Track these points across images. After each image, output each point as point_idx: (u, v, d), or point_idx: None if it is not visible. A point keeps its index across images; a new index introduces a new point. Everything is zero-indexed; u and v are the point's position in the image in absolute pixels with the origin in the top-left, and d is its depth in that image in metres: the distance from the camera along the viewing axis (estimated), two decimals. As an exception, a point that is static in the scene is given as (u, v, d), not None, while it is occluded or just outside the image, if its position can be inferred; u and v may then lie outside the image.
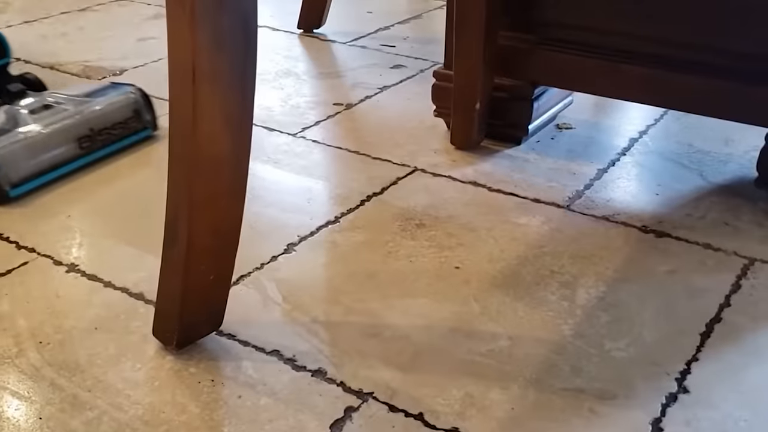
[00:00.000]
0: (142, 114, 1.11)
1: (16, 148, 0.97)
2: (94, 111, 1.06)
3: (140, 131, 1.11)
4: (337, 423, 0.64)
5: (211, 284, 0.69)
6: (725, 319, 0.76)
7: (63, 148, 1.01)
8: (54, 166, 1.00)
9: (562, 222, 0.93)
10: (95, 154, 1.05)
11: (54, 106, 1.05)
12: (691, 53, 0.95)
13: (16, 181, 0.96)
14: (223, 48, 0.62)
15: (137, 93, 1.12)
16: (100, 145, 1.06)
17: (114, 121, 1.07)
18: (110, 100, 1.09)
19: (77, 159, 1.03)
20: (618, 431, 0.63)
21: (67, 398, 0.66)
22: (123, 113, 1.09)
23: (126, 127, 1.09)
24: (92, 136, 1.05)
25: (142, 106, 1.11)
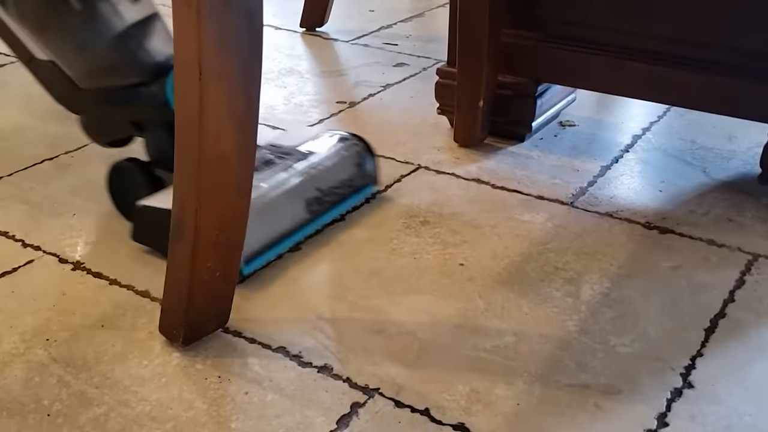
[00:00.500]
0: (365, 168, 0.96)
1: None
2: (321, 167, 0.90)
3: (364, 188, 0.96)
4: (343, 418, 0.64)
5: (218, 281, 0.70)
6: (729, 314, 0.76)
7: (292, 212, 0.86)
8: (283, 234, 0.85)
9: (565, 219, 0.93)
10: (322, 218, 0.90)
11: (276, 162, 0.90)
12: (694, 50, 0.95)
13: (249, 255, 0.80)
14: (228, 46, 0.62)
15: (360, 144, 0.97)
16: (327, 207, 0.90)
17: (341, 178, 0.92)
18: (335, 154, 0.93)
19: (306, 225, 0.88)
20: (623, 426, 0.63)
21: (74, 395, 0.66)
22: (348, 169, 0.94)
23: (351, 185, 0.94)
24: (320, 197, 0.89)
25: (366, 159, 0.96)
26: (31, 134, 1.14)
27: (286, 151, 0.92)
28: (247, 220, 0.71)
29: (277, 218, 0.84)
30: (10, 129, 1.16)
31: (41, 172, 1.03)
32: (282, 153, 0.91)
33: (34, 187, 1.00)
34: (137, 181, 0.89)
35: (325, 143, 0.95)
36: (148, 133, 0.91)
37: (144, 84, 0.86)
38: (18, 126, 1.17)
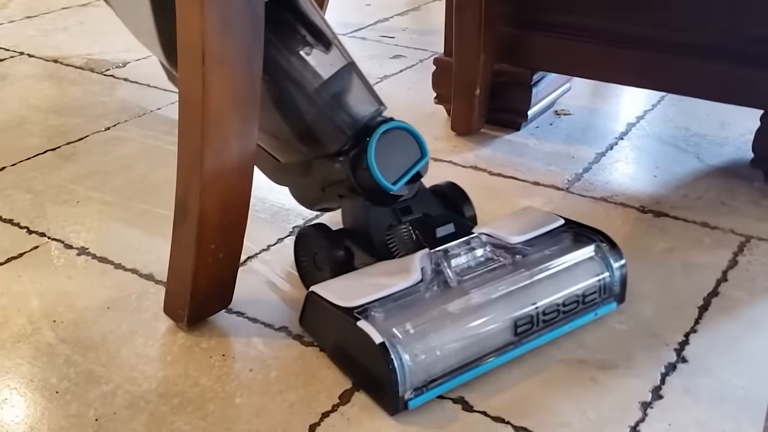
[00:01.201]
0: (608, 278, 0.72)
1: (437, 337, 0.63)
2: (546, 274, 0.69)
3: (601, 306, 0.72)
4: (345, 394, 0.65)
5: (221, 262, 0.71)
6: (723, 293, 0.78)
7: (494, 330, 0.66)
8: (475, 359, 0.65)
9: (561, 203, 0.94)
10: (531, 343, 0.68)
11: (489, 262, 0.71)
12: (688, 37, 0.97)
13: (421, 383, 0.63)
14: (231, 31, 0.64)
15: (604, 243, 0.73)
16: (541, 330, 0.69)
17: (570, 292, 0.70)
18: (570, 259, 0.71)
19: (507, 350, 0.67)
20: (619, 398, 0.65)
21: (82, 373, 0.68)
22: (584, 279, 0.71)
23: (583, 302, 0.71)
24: (535, 316, 0.68)
25: (611, 266, 0.72)
26: (33, 126, 1.16)
27: (500, 245, 0.72)
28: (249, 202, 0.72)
29: (470, 336, 0.65)
30: (12, 121, 1.18)
31: (44, 162, 1.05)
32: (498, 248, 0.72)
33: (38, 176, 1.01)
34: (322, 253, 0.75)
35: (555, 239, 0.74)
36: (346, 200, 0.77)
37: (344, 152, 0.74)
38: (20, 118, 1.18)
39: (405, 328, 0.63)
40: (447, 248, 0.70)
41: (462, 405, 0.64)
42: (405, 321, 0.63)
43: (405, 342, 0.62)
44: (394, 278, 0.67)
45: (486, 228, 0.74)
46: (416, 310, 0.65)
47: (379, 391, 0.63)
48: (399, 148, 0.73)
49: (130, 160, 1.05)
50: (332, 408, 0.64)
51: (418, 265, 0.68)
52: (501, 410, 0.64)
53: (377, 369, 0.62)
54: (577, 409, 0.64)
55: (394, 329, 0.62)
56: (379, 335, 0.61)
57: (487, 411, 0.64)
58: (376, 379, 0.63)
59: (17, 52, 1.45)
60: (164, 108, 1.21)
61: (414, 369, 0.62)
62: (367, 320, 0.63)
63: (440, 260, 0.69)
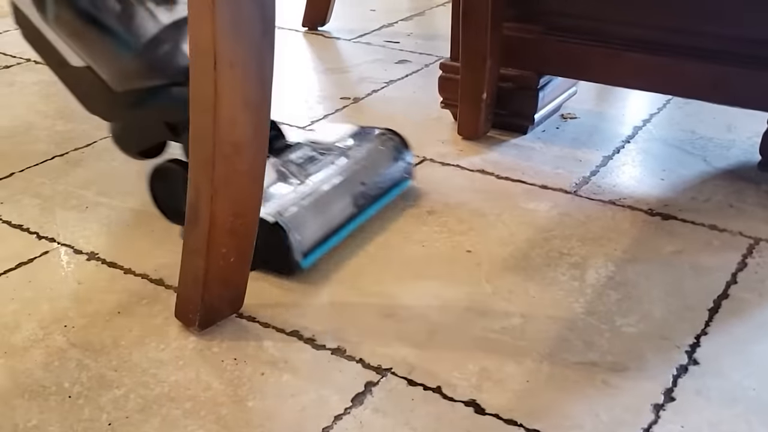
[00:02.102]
0: (404, 161, 0.97)
1: (305, 210, 0.83)
2: (363, 162, 0.92)
3: (403, 182, 0.97)
4: (358, 397, 0.65)
5: (232, 266, 0.71)
6: (732, 295, 0.78)
7: (344, 207, 0.87)
8: (335, 229, 0.86)
9: (569, 207, 0.94)
10: (368, 212, 0.91)
11: (319, 159, 0.91)
12: (694, 40, 0.97)
13: (307, 249, 0.82)
14: (242, 35, 0.64)
15: (396, 137, 0.97)
16: (371, 201, 0.91)
17: (381, 171, 0.93)
18: (374, 148, 0.95)
19: (354, 219, 0.89)
20: (631, 401, 0.65)
21: (94, 377, 0.68)
22: (387, 162, 0.95)
23: (391, 179, 0.95)
24: (365, 191, 0.90)
25: (403, 152, 0.97)
26: (41, 132, 1.16)
27: (327, 147, 0.92)
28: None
29: (329, 213, 0.85)
30: (20, 127, 1.18)
31: (52, 168, 1.05)
32: (323, 149, 0.91)
33: (46, 182, 1.01)
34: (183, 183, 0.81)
35: (362, 138, 0.96)
36: (184, 135, 0.86)
37: (179, 84, 0.86)
38: (27, 124, 1.19)
39: (285, 211, 0.81)
40: (288, 156, 0.90)
41: (474, 408, 0.64)
42: (282, 207, 0.81)
43: (289, 220, 0.80)
44: None
45: (309, 137, 0.96)
46: (285, 199, 0.84)
47: (278, 261, 0.81)
48: None
49: (138, 165, 1.05)
50: (344, 411, 0.64)
51: (271, 169, 0.87)
52: (513, 413, 0.64)
53: (275, 244, 0.79)
54: (590, 411, 0.64)
55: (278, 212, 0.80)
56: (272, 217, 0.79)
57: (500, 414, 0.64)
58: (275, 252, 0.80)
59: (24, 59, 1.46)
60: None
61: (300, 239, 0.81)
62: None
63: (286, 164, 0.89)
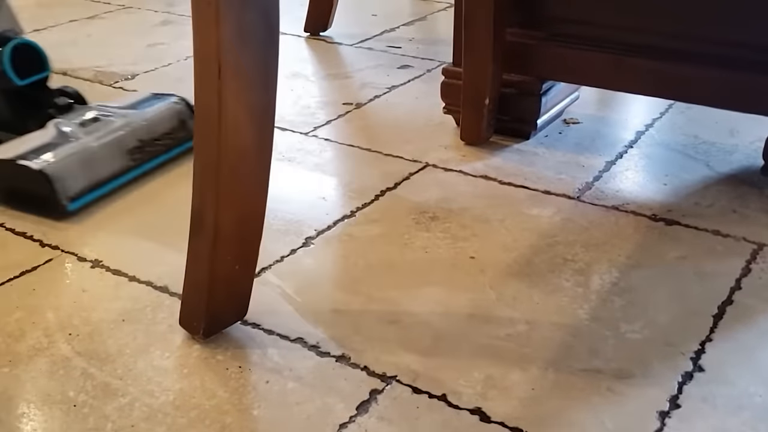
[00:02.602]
0: (188, 124, 1.10)
1: (72, 161, 0.96)
2: (143, 122, 1.05)
3: (186, 142, 1.09)
4: (363, 405, 0.65)
5: (237, 274, 0.71)
6: (737, 301, 0.78)
7: (115, 160, 1.00)
8: (107, 179, 0.99)
9: (572, 212, 0.94)
10: (145, 166, 1.04)
11: (102, 119, 1.04)
12: (697, 45, 0.97)
13: (73, 194, 0.94)
14: (247, 42, 0.64)
15: (182, 103, 1.11)
16: (149, 156, 1.05)
17: (162, 131, 1.07)
18: (156, 111, 1.08)
19: (129, 171, 1.02)
20: (637, 408, 0.65)
21: (99, 386, 0.68)
22: (170, 123, 1.08)
23: (173, 138, 1.08)
24: (142, 147, 1.04)
25: (188, 116, 1.10)
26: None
27: (111, 111, 1.07)
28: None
29: (100, 165, 0.99)
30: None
31: (55, 175, 1.05)
32: (108, 112, 1.06)
33: (50, 189, 1.01)
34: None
35: (148, 102, 1.11)
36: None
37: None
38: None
39: (52, 161, 0.94)
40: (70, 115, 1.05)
41: (479, 416, 0.64)
42: (50, 158, 0.95)
43: (55, 167, 0.93)
44: (38, 138, 0.99)
45: (99, 102, 1.10)
46: (60, 151, 0.96)
47: (47, 205, 0.93)
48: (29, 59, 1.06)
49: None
50: (349, 419, 0.64)
51: (52, 128, 1.01)
52: (519, 421, 0.64)
53: (42, 189, 0.92)
54: (595, 419, 0.64)
55: (46, 162, 0.94)
56: (37, 165, 0.93)
57: (505, 421, 0.63)
58: (42, 197, 0.93)
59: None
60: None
61: (66, 185, 0.93)
62: (26, 160, 0.94)
63: (67, 122, 1.02)
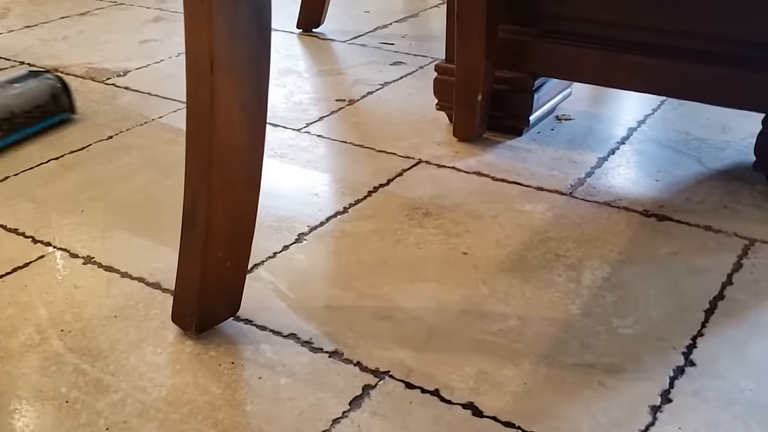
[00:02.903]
0: (60, 98, 1.18)
1: None
2: (12, 95, 1.13)
3: (57, 114, 1.18)
4: (356, 400, 0.65)
5: (229, 270, 0.71)
6: (728, 296, 0.78)
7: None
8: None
9: (565, 208, 0.95)
10: (13, 136, 1.12)
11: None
12: (688, 41, 0.97)
13: None
14: (239, 39, 0.64)
15: (55, 79, 1.19)
16: (18, 126, 1.12)
17: (33, 104, 1.14)
18: (29, 86, 1.16)
19: None
20: (628, 402, 0.65)
21: (91, 382, 0.68)
22: (41, 98, 1.16)
23: (44, 111, 1.16)
24: (11, 118, 1.12)
25: (60, 91, 1.18)
26: (35, 135, 1.16)
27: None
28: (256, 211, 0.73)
29: None
30: (14, 130, 1.18)
31: (48, 172, 1.05)
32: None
33: (42, 185, 1.01)
34: None
35: (22, 78, 1.17)
36: None
37: None
38: (22, 127, 1.19)
39: None
40: None
41: (472, 410, 0.64)
42: None
43: None
44: None
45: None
46: None
47: None
48: None
49: (133, 168, 1.05)
50: (342, 414, 0.64)
51: None
52: (511, 415, 0.64)
53: None
54: (587, 413, 0.64)
55: None
56: None
57: (498, 416, 0.64)
58: None
59: (17, 61, 1.46)
60: (166, 116, 1.21)
61: None
62: None
63: None
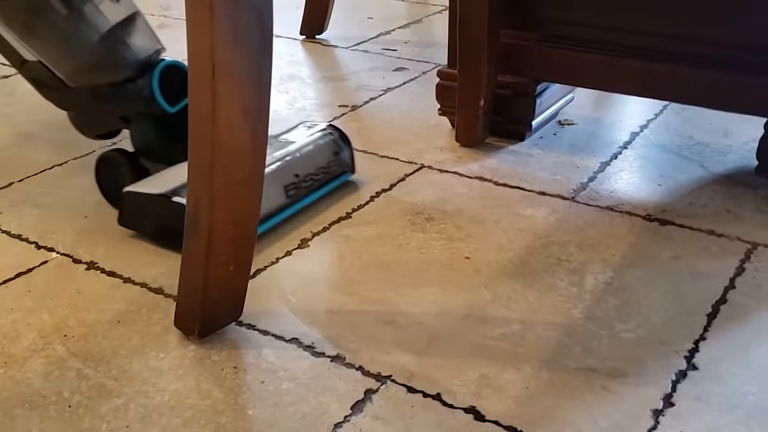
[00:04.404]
0: (341, 156, 1.01)
1: None
2: (298, 155, 0.96)
3: (340, 176, 1.01)
4: (357, 404, 0.65)
5: (232, 275, 0.71)
6: (731, 300, 0.78)
7: (270, 196, 0.90)
8: (263, 217, 0.88)
9: (567, 213, 0.95)
10: (301, 203, 0.95)
11: None
12: (690, 46, 0.97)
13: None
14: (240, 42, 0.64)
15: (335, 133, 1.02)
16: (305, 192, 0.95)
17: (317, 165, 0.97)
18: (311, 142, 0.98)
19: (285, 208, 0.93)
20: (631, 406, 0.65)
21: (94, 387, 0.68)
22: (324, 156, 0.99)
23: (327, 172, 0.99)
24: (297, 183, 0.94)
25: (342, 147, 1.01)
26: (40, 141, 1.16)
27: None
28: (259, 215, 0.73)
29: None
30: (19, 136, 1.18)
31: (51, 177, 1.05)
32: None
33: (45, 191, 1.01)
34: (123, 171, 0.94)
35: (302, 133, 1.01)
36: (134, 125, 0.97)
37: (131, 80, 0.91)
38: (26, 134, 1.19)
39: None
40: None
41: (474, 414, 0.64)
42: None
43: None
44: None
45: None
46: None
47: None
48: (177, 81, 0.93)
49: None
50: (344, 419, 0.64)
51: None
52: (513, 419, 0.64)
53: None
54: (589, 417, 0.64)
55: None
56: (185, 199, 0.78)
57: (500, 420, 0.64)
58: None
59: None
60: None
61: None
62: (181, 197, 0.83)
63: None
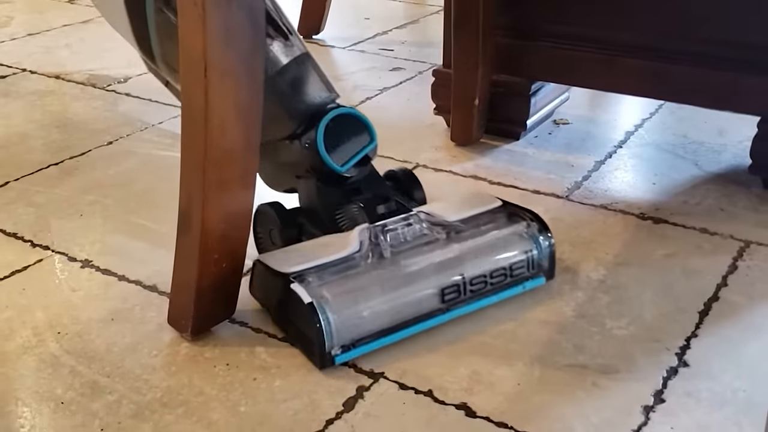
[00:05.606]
0: (535, 255, 0.78)
1: (360, 297, 0.70)
2: (474, 249, 0.75)
3: (530, 280, 0.78)
4: (349, 401, 0.66)
5: (224, 272, 0.72)
6: (723, 298, 0.78)
7: (419, 299, 0.72)
8: (401, 325, 0.71)
9: (561, 211, 0.95)
10: (461, 311, 0.74)
11: (424, 237, 0.75)
12: (685, 44, 0.98)
13: (348, 342, 0.69)
14: (233, 41, 0.65)
15: (534, 223, 0.79)
16: (470, 298, 0.75)
17: (497, 266, 0.75)
18: (496, 234, 0.77)
19: (434, 316, 0.73)
20: (621, 402, 0.65)
21: (87, 384, 0.68)
22: (510, 255, 0.77)
23: (510, 276, 0.76)
24: (461, 285, 0.73)
25: (537, 244, 0.78)
26: (36, 141, 1.16)
27: (437, 222, 0.77)
28: (252, 213, 0.73)
29: (397, 304, 0.71)
30: (15, 136, 1.18)
31: (47, 177, 1.05)
32: (433, 224, 0.77)
33: (41, 190, 1.02)
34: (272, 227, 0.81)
35: (489, 218, 0.80)
36: (301, 181, 0.83)
37: (296, 136, 0.79)
38: (23, 133, 1.19)
39: (334, 291, 0.69)
40: (385, 223, 0.76)
41: (465, 411, 0.65)
42: (336, 285, 0.70)
43: (333, 303, 0.68)
44: (333, 248, 0.73)
45: (426, 207, 0.81)
46: (349, 275, 0.71)
47: (310, 347, 0.69)
48: (349, 133, 0.80)
49: (132, 173, 1.06)
50: (336, 415, 0.64)
51: (356, 237, 0.74)
52: (504, 416, 0.64)
53: (307, 327, 0.68)
54: (580, 413, 0.64)
55: (324, 291, 0.69)
56: (308, 296, 0.68)
57: (491, 417, 0.64)
58: (306, 336, 0.69)
59: (20, 68, 1.47)
60: (166, 122, 1.21)
61: (340, 328, 0.68)
62: (302, 284, 0.69)
63: (378, 233, 0.74)
